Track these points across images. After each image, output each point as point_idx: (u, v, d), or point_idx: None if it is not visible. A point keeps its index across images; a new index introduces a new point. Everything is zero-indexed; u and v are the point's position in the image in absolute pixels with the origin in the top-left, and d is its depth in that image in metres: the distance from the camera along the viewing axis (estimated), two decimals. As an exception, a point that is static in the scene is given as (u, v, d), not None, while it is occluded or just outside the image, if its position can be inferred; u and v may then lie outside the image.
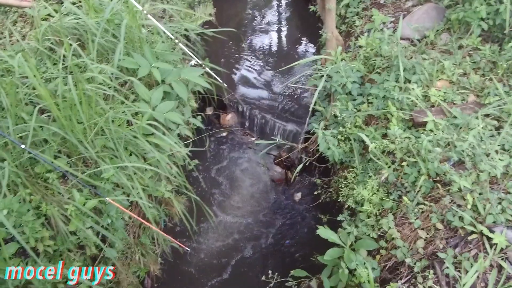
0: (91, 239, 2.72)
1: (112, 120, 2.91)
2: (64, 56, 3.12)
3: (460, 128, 2.86)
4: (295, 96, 5.15)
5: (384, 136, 3.23)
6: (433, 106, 3.13)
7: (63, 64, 3.09)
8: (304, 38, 6.24)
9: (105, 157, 2.96)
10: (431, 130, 2.89)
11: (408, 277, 2.39)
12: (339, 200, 3.39)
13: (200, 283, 3.74)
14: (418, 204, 2.64)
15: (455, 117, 2.93)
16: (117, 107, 3.12)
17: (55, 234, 2.67)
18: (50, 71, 3.15)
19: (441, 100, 3.10)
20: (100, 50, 3.42)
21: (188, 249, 3.53)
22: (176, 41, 3.82)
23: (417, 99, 3.12)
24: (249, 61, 5.80)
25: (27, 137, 2.65)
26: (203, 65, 3.97)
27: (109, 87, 3.05)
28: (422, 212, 2.60)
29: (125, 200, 2.95)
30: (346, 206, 3.17)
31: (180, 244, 3.21)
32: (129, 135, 3.04)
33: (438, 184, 2.63)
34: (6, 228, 2.27)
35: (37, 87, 2.61)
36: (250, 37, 6.28)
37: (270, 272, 2.90)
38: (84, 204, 2.67)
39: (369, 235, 2.73)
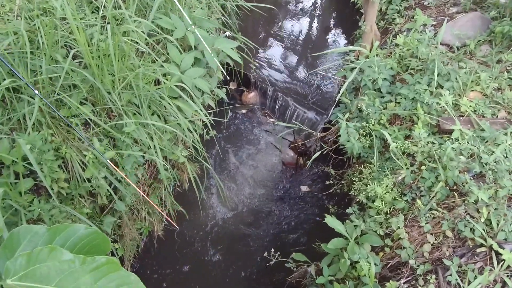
0: (104, 188, 2.77)
1: (141, 76, 2.92)
2: (104, 6, 3.12)
3: (487, 141, 2.82)
4: (320, 86, 5.11)
5: (407, 137, 3.20)
6: (462, 116, 3.08)
7: (102, 13, 3.09)
8: (338, 29, 6.15)
9: (128, 112, 2.98)
10: (457, 139, 2.85)
11: (409, 278, 2.40)
12: (350, 193, 3.39)
13: (200, 251, 3.79)
14: (431, 209, 2.63)
15: (483, 130, 2.89)
16: (147, 64, 3.12)
17: (70, 178, 2.72)
18: (88, 19, 3.15)
19: (471, 111, 3.05)
20: (140, 6, 3.41)
21: (177, 228, 3.42)
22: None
23: (447, 105, 3.08)
24: (280, 42, 5.75)
25: (57, 79, 2.68)
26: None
27: (145, 43, 3.05)
28: (434, 217, 2.59)
29: (141, 156, 2.99)
30: (356, 200, 3.17)
31: (172, 222, 3.12)
32: (156, 94, 3.05)
33: (455, 193, 2.61)
34: (24, 165, 2.32)
35: (75, 31, 2.62)
36: (284, 19, 6.21)
37: (272, 250, 2.93)
38: (103, 153, 2.71)
39: (376, 231, 2.73)
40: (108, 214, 2.95)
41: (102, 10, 3.12)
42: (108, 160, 2.64)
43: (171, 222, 3.05)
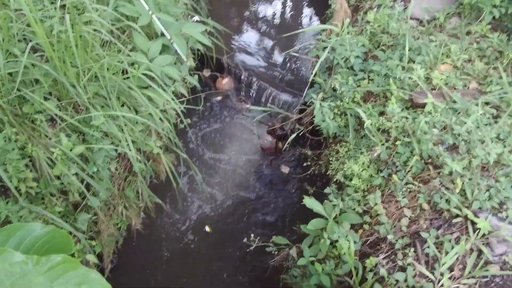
0: (75, 185, 2.69)
1: (107, 67, 2.82)
2: (62, -6, 2.98)
3: (459, 113, 2.83)
4: (294, 68, 5.07)
5: (381, 114, 3.20)
6: (434, 89, 3.09)
7: (60, 2, 2.95)
8: (310, 9, 6.09)
9: (96, 105, 2.89)
10: (430, 112, 2.86)
11: (388, 253, 2.41)
12: (327, 174, 3.39)
13: (182, 240, 3.75)
14: (407, 183, 2.64)
15: (454, 101, 2.90)
16: (113, 54, 3.02)
17: (38, 177, 2.62)
18: (46, 9, 3.01)
19: (443, 83, 3.06)
20: (100, -7, 3.28)
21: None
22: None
23: (419, 79, 3.08)
24: (253, 26, 5.65)
25: (17, 74, 2.56)
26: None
27: (109, 32, 2.94)
28: (410, 191, 2.61)
29: (113, 150, 2.91)
30: (334, 180, 3.17)
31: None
32: (124, 84, 2.96)
33: (430, 166, 2.63)
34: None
35: (33, 24, 2.50)
36: (256, 3, 6.11)
37: (252, 235, 2.91)
38: (71, 150, 2.62)
39: (354, 209, 2.74)
40: (82, 211, 2.88)
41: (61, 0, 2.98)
42: (75, 157, 2.57)
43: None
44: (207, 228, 3.20)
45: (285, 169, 4.45)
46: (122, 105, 3.08)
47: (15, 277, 0.88)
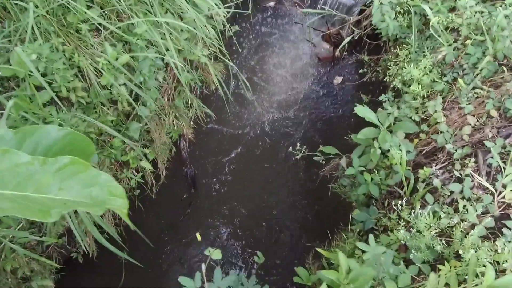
0: (123, 95, 2.72)
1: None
2: None
3: (548, 3, 2.36)
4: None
5: (451, 10, 2.77)
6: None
7: None
8: None
9: (138, 12, 2.79)
10: (511, 4, 2.41)
11: (444, 164, 2.23)
12: (384, 81, 3.12)
13: (229, 150, 3.80)
14: (474, 88, 2.34)
15: (545, -11, 2.41)
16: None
17: (88, 87, 2.68)
18: None
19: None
20: None
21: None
22: None
23: (501, -36, 2.56)
24: None
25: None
26: None
27: None
28: (477, 97, 2.31)
29: (159, 59, 2.87)
30: (391, 87, 2.91)
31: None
32: (165, -12, 2.81)
33: (504, 68, 2.28)
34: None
35: None
36: None
37: (298, 144, 2.83)
38: (116, 59, 2.61)
39: (410, 117, 2.52)
40: (134, 120, 2.95)
41: None
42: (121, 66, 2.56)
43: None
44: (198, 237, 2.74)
45: (339, 79, 4.19)
46: (166, 12, 2.96)
47: (22, 177, 0.86)
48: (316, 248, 2.16)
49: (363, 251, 1.84)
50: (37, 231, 2.65)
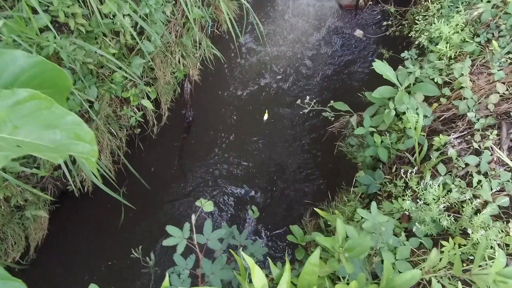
0: (126, 27, 2.53)
1: None
2: None
3: None
4: None
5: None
6: None
7: None
8: None
9: None
10: None
11: (463, 133, 2.06)
12: (410, 36, 2.87)
13: (234, 96, 3.64)
14: (509, 53, 2.12)
15: None
16: None
17: (89, 14, 2.49)
18: None
19: None
20: None
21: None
22: None
23: None
24: None
25: None
26: None
27: None
28: (511, 63, 2.10)
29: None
30: (416, 43, 2.68)
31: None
32: None
33: (546, 32, 2.04)
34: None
35: None
36: None
37: (307, 97, 2.66)
38: (120, -14, 2.39)
39: (433, 79, 2.31)
40: (137, 56, 2.78)
41: None
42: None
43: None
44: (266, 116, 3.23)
45: (360, 32, 3.90)
46: None
47: (-31, 108, 0.72)
48: (314, 208, 2.06)
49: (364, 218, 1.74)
50: (32, 162, 2.59)
